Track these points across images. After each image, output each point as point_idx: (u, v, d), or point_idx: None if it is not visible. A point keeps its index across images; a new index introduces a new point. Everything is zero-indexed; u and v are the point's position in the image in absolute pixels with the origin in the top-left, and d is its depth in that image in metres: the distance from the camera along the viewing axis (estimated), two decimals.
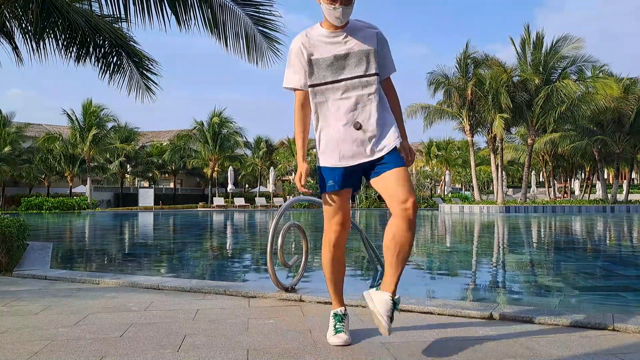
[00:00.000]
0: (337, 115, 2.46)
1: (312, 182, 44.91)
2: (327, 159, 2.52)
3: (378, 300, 2.36)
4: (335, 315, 2.62)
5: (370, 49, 2.47)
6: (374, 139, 2.45)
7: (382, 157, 2.46)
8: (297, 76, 2.52)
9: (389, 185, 2.44)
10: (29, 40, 7.46)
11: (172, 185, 49.34)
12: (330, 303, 3.37)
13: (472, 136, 32.14)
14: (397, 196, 2.39)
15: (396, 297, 2.40)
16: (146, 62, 8.13)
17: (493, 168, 32.60)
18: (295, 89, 2.55)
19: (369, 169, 2.51)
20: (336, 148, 2.48)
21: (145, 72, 8.23)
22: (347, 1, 2.38)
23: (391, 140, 2.47)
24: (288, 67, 2.56)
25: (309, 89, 2.51)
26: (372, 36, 2.50)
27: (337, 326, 2.56)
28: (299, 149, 2.65)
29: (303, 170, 2.60)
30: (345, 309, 2.67)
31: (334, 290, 2.68)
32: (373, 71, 2.46)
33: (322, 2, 2.41)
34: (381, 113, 2.48)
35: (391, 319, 2.33)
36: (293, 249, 7.91)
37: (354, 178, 2.57)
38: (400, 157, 2.48)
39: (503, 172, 32.99)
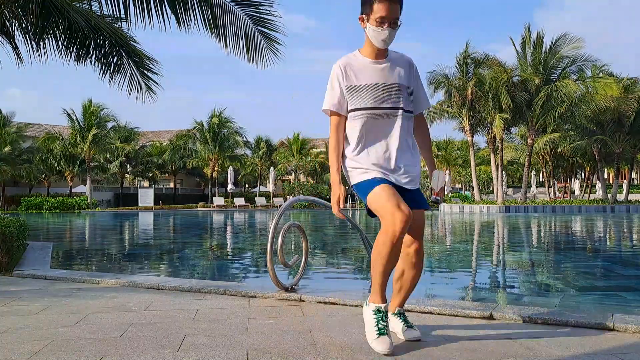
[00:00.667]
0: (368, 140, 2.51)
1: (312, 182, 44.95)
2: (363, 175, 2.50)
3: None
4: (378, 311, 2.41)
5: (407, 85, 2.53)
6: (400, 171, 2.50)
7: (409, 190, 2.51)
8: (335, 99, 2.54)
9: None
10: (29, 40, 7.45)
11: (172, 185, 49.35)
12: (331, 303, 3.38)
13: (472, 136, 32.15)
14: (407, 237, 2.50)
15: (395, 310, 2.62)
16: (146, 61, 8.13)
17: (493, 168, 32.61)
18: (332, 112, 2.56)
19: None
20: (371, 167, 2.50)
21: (145, 71, 8.23)
22: (394, 24, 2.42)
23: (415, 178, 2.55)
24: (329, 90, 2.57)
25: (349, 114, 2.54)
26: (409, 69, 2.57)
27: (380, 326, 2.37)
28: (333, 173, 2.54)
29: (341, 192, 2.49)
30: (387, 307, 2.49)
31: (382, 282, 2.44)
32: (407, 107, 2.53)
33: (370, 24, 2.44)
34: (406, 147, 2.54)
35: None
36: (293, 249, 7.91)
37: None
38: (424, 199, 2.54)
39: (503, 172, 33.00)
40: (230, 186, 38.61)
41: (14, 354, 2.35)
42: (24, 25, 7.30)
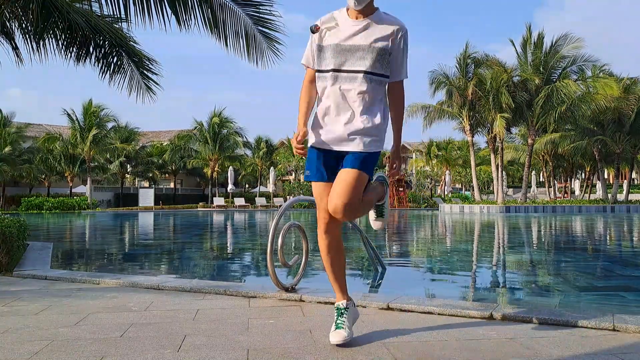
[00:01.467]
0: (327, 102, 2.49)
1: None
2: (311, 137, 2.57)
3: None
4: (337, 309, 2.60)
5: (381, 47, 2.43)
6: (347, 138, 2.47)
7: (346, 153, 2.48)
8: (308, 55, 2.58)
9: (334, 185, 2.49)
10: (29, 40, 7.46)
11: (172, 185, 49.34)
12: (331, 303, 3.38)
13: (472, 136, 32.15)
14: (329, 198, 2.48)
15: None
16: (146, 62, 8.13)
17: (493, 168, 32.60)
18: (306, 67, 2.60)
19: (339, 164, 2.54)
20: (317, 130, 2.54)
21: (145, 72, 8.23)
22: None
23: (360, 146, 2.45)
24: (308, 44, 2.59)
25: (316, 73, 2.55)
26: (391, 35, 2.47)
27: (337, 321, 2.53)
28: (301, 116, 2.60)
29: (301, 131, 2.53)
30: (349, 302, 2.63)
31: (333, 279, 2.69)
32: (376, 70, 2.44)
33: None
34: (368, 116, 2.46)
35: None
36: (293, 249, 7.91)
37: (329, 168, 2.56)
38: (359, 161, 2.45)
39: (503, 172, 32.99)
40: (230, 186, 38.60)
41: (14, 354, 2.35)
42: (24, 25, 7.30)
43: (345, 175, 2.44)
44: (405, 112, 2.68)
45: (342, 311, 2.58)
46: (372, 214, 2.80)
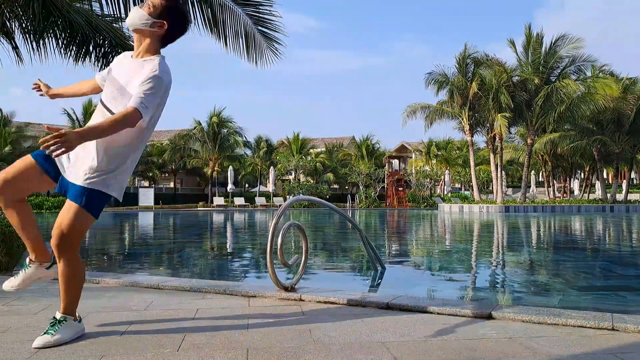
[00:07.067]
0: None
1: (312, 181, 44.94)
2: None
3: None
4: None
5: (124, 86, 2.53)
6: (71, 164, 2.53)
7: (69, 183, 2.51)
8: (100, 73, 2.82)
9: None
10: (28, 39, 7.45)
11: (172, 185, 49.31)
12: (331, 303, 3.38)
13: (472, 136, 32.16)
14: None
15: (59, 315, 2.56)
16: None
17: (492, 168, 32.62)
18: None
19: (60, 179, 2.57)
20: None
21: None
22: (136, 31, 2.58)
23: (80, 178, 2.48)
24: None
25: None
26: (143, 75, 2.48)
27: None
28: (62, 88, 2.96)
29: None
30: (32, 262, 2.77)
31: (24, 238, 2.77)
32: (111, 108, 2.54)
33: None
34: (95, 151, 2.49)
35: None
36: (293, 249, 7.91)
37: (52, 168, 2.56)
38: (77, 194, 2.47)
39: (502, 171, 33.01)
40: (230, 186, 38.59)
41: (14, 353, 2.35)
42: (24, 24, 7.30)
43: (66, 210, 2.54)
44: (405, 111, 2.68)
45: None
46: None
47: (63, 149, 2.12)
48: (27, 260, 2.79)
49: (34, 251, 2.78)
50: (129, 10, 6.97)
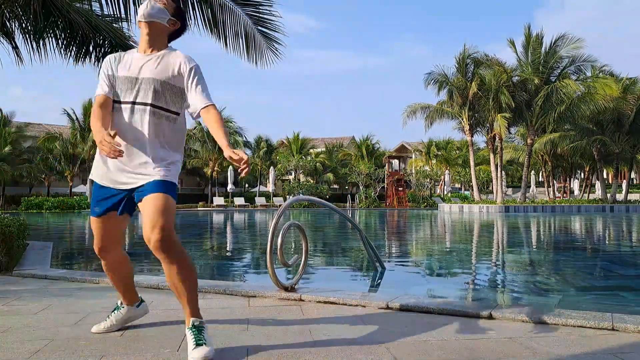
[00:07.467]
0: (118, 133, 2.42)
1: (312, 181, 44.92)
2: (93, 172, 2.56)
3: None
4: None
5: (162, 80, 2.45)
6: (133, 172, 2.44)
7: (141, 185, 2.42)
8: (101, 87, 2.51)
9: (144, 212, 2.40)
10: (29, 39, 7.46)
11: None
12: (331, 303, 3.38)
13: (472, 136, 32.16)
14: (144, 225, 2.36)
15: (197, 319, 2.37)
16: None
17: (492, 168, 32.61)
18: (97, 95, 2.53)
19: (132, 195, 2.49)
20: (103, 165, 2.51)
21: None
22: (147, 23, 2.49)
23: (152, 174, 2.42)
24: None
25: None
26: (175, 66, 2.47)
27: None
28: (98, 127, 2.47)
29: (104, 131, 2.39)
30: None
31: (120, 286, 2.78)
32: (157, 103, 2.45)
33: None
34: (149, 145, 2.43)
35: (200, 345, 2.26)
36: (293, 249, 7.91)
37: (117, 202, 2.51)
38: (159, 185, 2.39)
39: (502, 171, 33.01)
40: (230, 186, 38.58)
41: (14, 353, 2.36)
42: (24, 25, 7.31)
43: (154, 201, 2.41)
44: (405, 111, 2.66)
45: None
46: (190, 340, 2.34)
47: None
48: (119, 302, 2.83)
49: (126, 295, 2.81)
50: (129, 10, 6.97)
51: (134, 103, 2.44)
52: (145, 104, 2.44)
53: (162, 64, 2.47)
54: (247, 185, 55.14)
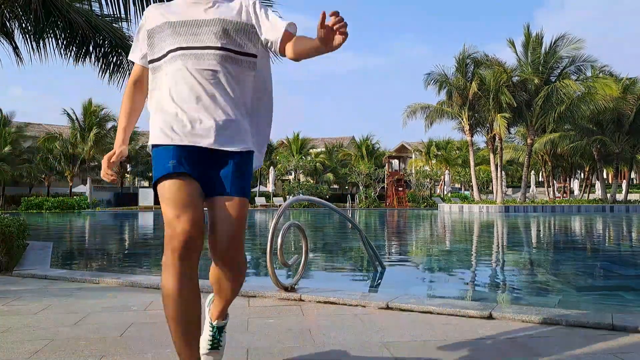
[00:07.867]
0: (176, 89, 1.91)
1: (312, 182, 44.89)
2: (152, 141, 1.95)
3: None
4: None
5: (231, 20, 1.97)
6: (215, 128, 1.88)
7: (226, 162, 1.91)
8: (135, 51, 2.09)
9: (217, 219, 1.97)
10: (28, 39, 7.46)
11: None
12: (331, 303, 3.38)
13: (472, 136, 32.17)
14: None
15: (223, 321, 2.13)
16: None
17: (492, 168, 32.62)
18: (134, 63, 2.11)
19: (208, 175, 1.94)
20: (167, 124, 1.90)
21: None
22: None
23: (244, 140, 1.94)
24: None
25: (149, 65, 2.03)
26: (237, 4, 2.03)
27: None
28: (120, 131, 2.12)
29: (117, 149, 2.06)
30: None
31: (186, 341, 1.84)
32: (229, 46, 1.94)
33: None
34: (222, 97, 1.92)
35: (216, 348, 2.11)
36: (293, 249, 7.91)
37: (195, 165, 1.90)
38: (244, 179, 1.95)
39: (502, 171, 33.01)
40: None
41: (14, 353, 2.36)
42: (24, 25, 7.31)
43: (233, 208, 1.97)
44: (404, 112, 2.59)
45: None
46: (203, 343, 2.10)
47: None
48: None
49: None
50: (129, 10, 6.97)
51: (198, 48, 1.92)
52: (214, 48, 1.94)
53: (222, 5, 2.01)
54: None
